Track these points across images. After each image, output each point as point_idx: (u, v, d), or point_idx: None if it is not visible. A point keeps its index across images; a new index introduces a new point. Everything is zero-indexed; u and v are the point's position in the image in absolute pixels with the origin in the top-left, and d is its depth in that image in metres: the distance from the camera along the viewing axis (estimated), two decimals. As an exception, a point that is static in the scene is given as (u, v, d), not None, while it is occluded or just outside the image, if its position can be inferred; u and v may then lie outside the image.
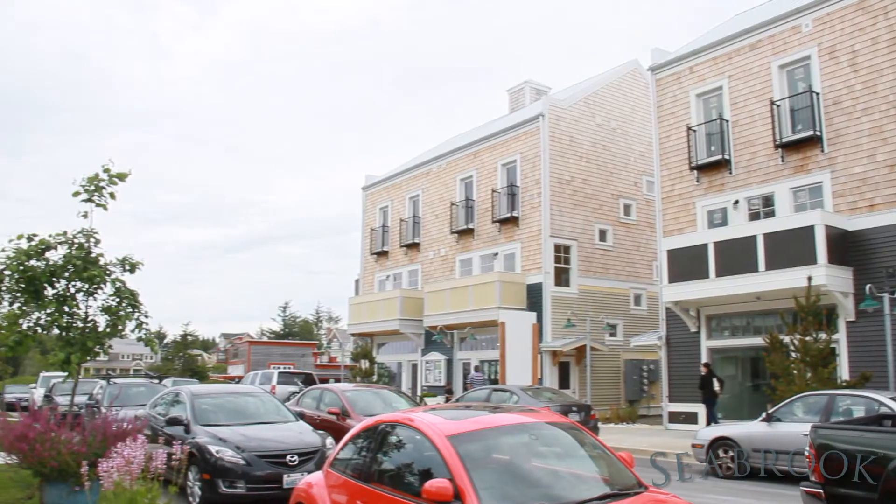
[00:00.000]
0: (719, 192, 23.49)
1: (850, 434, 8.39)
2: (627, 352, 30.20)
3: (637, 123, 33.40)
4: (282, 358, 50.55)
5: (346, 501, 6.61)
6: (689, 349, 23.50)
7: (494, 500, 5.14)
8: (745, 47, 23.32)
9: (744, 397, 22.45)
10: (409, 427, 6.37)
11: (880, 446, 7.89)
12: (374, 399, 16.25)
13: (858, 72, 20.48)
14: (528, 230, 30.26)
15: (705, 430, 15.69)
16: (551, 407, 16.85)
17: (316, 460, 10.73)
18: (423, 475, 5.71)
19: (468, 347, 31.19)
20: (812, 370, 16.79)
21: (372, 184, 41.17)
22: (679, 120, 24.93)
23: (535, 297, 29.24)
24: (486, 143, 33.17)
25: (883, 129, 19.77)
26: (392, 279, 38.40)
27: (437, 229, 35.32)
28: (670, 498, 5.70)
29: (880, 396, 13.17)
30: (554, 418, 6.86)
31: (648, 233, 31.93)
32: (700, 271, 21.59)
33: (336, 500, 6.81)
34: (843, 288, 19.45)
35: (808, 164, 21.34)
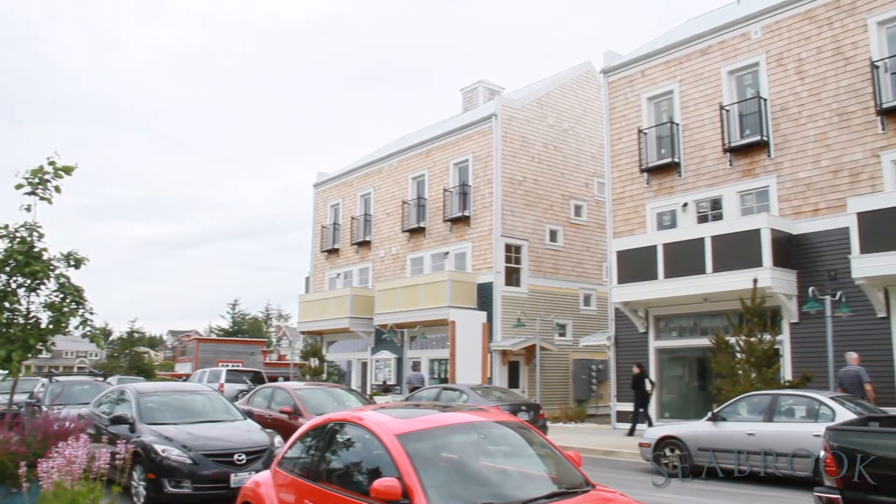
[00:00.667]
0: (669, 195, 23.78)
1: (877, 439, 7.88)
2: (577, 351, 30.43)
3: (589, 125, 33.66)
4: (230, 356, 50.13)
5: (293, 501, 6.55)
6: (637, 349, 23.75)
7: (443, 499, 5.13)
8: (696, 52, 23.65)
9: (690, 397, 22.77)
10: (357, 426, 6.33)
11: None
12: (327, 398, 16.13)
13: (804, 79, 20.89)
14: (479, 230, 30.32)
15: (652, 430, 15.87)
16: (500, 406, 16.91)
17: (264, 459, 10.63)
18: (372, 474, 5.69)
19: (418, 346, 31.17)
20: (757, 370, 17.09)
21: (324, 181, 40.92)
22: (630, 122, 25.19)
23: (485, 297, 29.32)
24: (439, 142, 33.17)
25: (827, 136, 20.19)
26: (343, 277, 38.20)
27: (388, 228, 35.22)
28: (617, 496, 5.75)
29: (821, 396, 13.48)
30: (503, 417, 6.88)
31: (599, 234, 32.20)
32: (649, 272, 21.83)
33: (284, 499, 6.75)
34: (787, 290, 19.82)
35: (755, 168, 21.70)
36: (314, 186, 41.56)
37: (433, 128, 38.85)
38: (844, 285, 18.11)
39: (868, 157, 19.35)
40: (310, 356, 32.26)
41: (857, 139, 19.61)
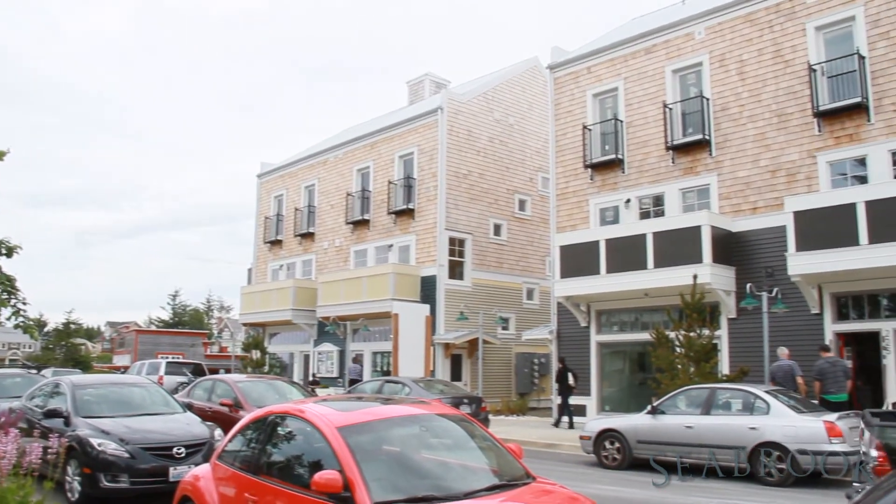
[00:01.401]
0: (612, 191, 24.03)
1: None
2: (519, 345, 30.62)
3: (534, 120, 33.84)
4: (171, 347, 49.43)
5: (233, 494, 6.48)
6: (579, 343, 23.98)
7: (384, 492, 5.13)
8: (641, 51, 23.91)
9: (631, 390, 23.07)
10: (299, 418, 6.29)
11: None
12: (268, 390, 15.99)
13: (745, 80, 21.27)
14: (423, 223, 30.30)
15: (593, 423, 16.04)
16: (443, 399, 16.93)
17: (204, 452, 10.45)
18: (313, 467, 5.66)
19: (361, 339, 31.06)
20: (695, 365, 17.39)
21: (267, 171, 40.47)
22: (575, 118, 25.38)
23: (428, 290, 29.33)
24: (385, 135, 33.04)
25: (766, 137, 20.59)
26: (286, 269, 37.86)
27: (332, 219, 35.00)
28: (557, 488, 5.81)
29: (756, 390, 13.76)
30: (445, 410, 6.88)
31: (542, 228, 32.40)
32: (591, 267, 22.03)
33: (223, 493, 6.66)
34: (725, 286, 20.19)
35: (696, 166, 22.04)
36: (258, 177, 41.09)
37: (379, 120, 38.69)
38: (780, 282, 18.53)
39: (805, 158, 19.80)
40: (252, 348, 31.97)
41: (794, 140, 20.04)
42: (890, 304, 18.16)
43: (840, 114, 19.27)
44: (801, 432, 12.48)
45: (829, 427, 12.33)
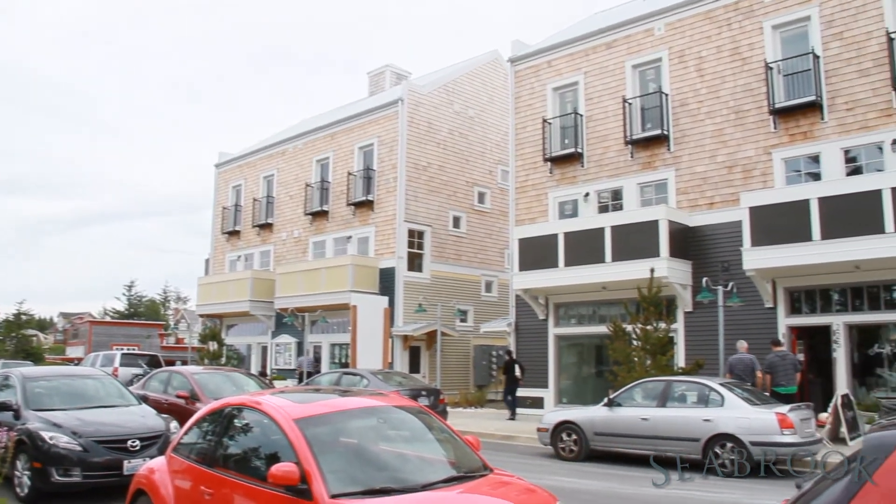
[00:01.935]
0: (571, 185, 24.15)
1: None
2: (477, 337, 30.70)
3: (495, 113, 33.89)
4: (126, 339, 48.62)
5: (189, 487, 6.40)
6: (537, 336, 24.11)
7: (341, 484, 5.11)
8: (602, 45, 24.04)
9: (588, 383, 23.26)
10: (255, 410, 6.23)
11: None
12: (225, 382, 15.78)
13: (704, 77, 21.50)
14: (382, 214, 30.22)
15: (550, 415, 16.12)
16: (401, 391, 16.88)
17: (159, 445, 10.28)
18: (270, 459, 5.61)
19: (319, 330, 30.93)
20: (652, 357, 17.58)
21: (226, 161, 40.05)
22: (535, 112, 25.46)
23: (387, 282, 29.27)
24: (345, 126, 32.87)
25: (723, 133, 20.84)
26: (244, 259, 37.54)
27: (291, 210, 34.75)
28: (514, 480, 5.84)
29: (711, 382, 13.93)
30: (403, 402, 6.86)
31: (501, 221, 32.48)
32: (550, 260, 22.15)
33: (179, 485, 6.58)
34: (682, 280, 20.43)
35: (655, 161, 22.24)
36: (216, 167, 40.65)
37: (339, 110, 38.49)
38: (736, 276, 18.77)
39: (761, 154, 20.08)
40: (209, 340, 31.64)
41: (751, 136, 20.31)
42: (841, 299, 18.52)
43: (795, 112, 19.58)
44: (754, 424, 12.66)
45: (781, 419, 12.53)
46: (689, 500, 10.70)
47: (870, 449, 2.94)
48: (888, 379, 17.86)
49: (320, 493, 4.98)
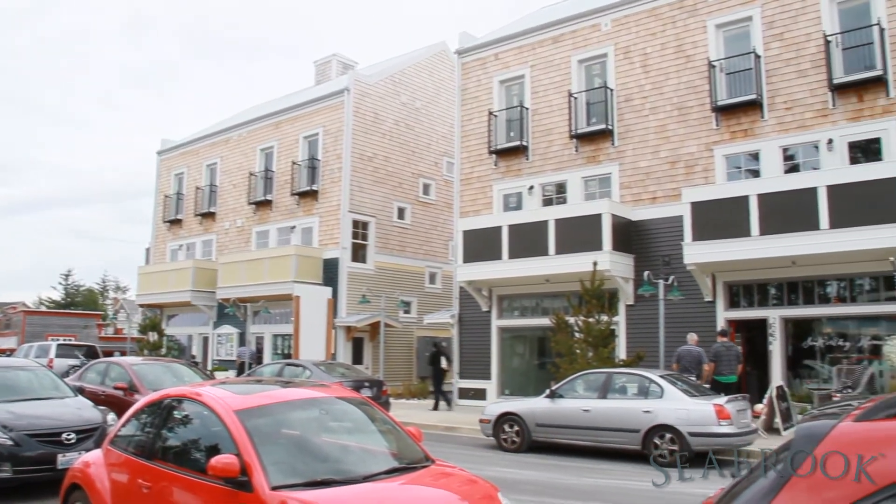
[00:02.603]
0: (516, 177, 24.26)
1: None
2: (421, 329, 30.71)
3: (441, 105, 33.88)
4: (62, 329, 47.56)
5: (126, 480, 6.28)
6: (480, 328, 24.19)
7: (282, 475, 5.07)
8: (549, 40, 24.16)
9: (531, 375, 23.42)
10: (195, 401, 6.15)
11: None
12: (165, 373, 15.53)
13: (648, 73, 21.75)
14: (327, 204, 30.02)
15: (493, 406, 16.21)
16: (344, 382, 16.82)
17: (96, 438, 10.04)
18: (210, 451, 5.54)
19: (262, 321, 30.62)
20: (594, 349, 17.78)
21: (168, 148, 39.35)
22: (482, 104, 25.50)
23: (331, 272, 29.12)
24: (290, 115, 32.56)
25: (666, 129, 21.12)
26: (185, 249, 36.97)
27: (234, 199, 34.33)
28: (456, 471, 5.87)
29: (651, 374, 14.15)
30: (345, 394, 6.85)
31: (446, 213, 32.51)
32: (494, 253, 22.22)
33: (116, 479, 6.45)
34: (624, 273, 20.67)
35: (599, 155, 22.45)
36: (158, 154, 39.93)
37: (284, 99, 38.12)
38: (677, 270, 19.06)
39: (702, 151, 20.40)
40: (148, 330, 31.15)
41: (693, 133, 20.62)
42: (777, 294, 18.93)
43: (736, 109, 19.92)
44: (692, 415, 12.90)
45: (719, 410, 12.79)
46: (629, 489, 10.86)
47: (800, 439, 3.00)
48: (820, 371, 18.33)
49: (261, 486, 4.94)
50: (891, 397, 2.95)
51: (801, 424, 3.13)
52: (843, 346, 18.00)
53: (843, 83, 18.32)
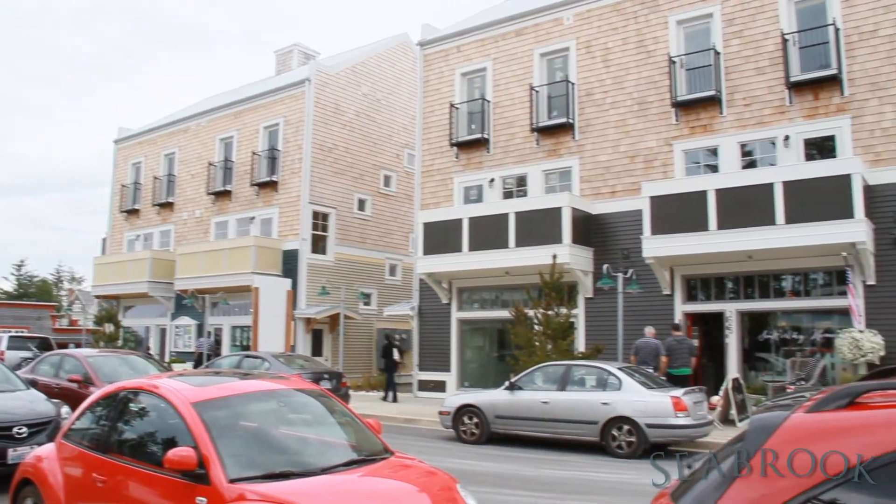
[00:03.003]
0: (477, 170, 24.28)
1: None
2: (381, 321, 30.66)
3: (402, 96, 33.78)
4: (14, 321, 46.68)
5: (80, 474, 6.16)
6: (440, 320, 24.21)
7: (240, 468, 5.01)
8: (511, 33, 24.19)
9: (490, 367, 23.49)
10: (152, 394, 6.04)
11: None
12: (121, 365, 15.29)
13: (609, 68, 21.88)
14: (287, 195, 29.81)
15: (452, 398, 16.23)
16: (303, 374, 16.76)
17: (49, 432, 9.81)
18: (167, 444, 5.46)
19: (220, 312, 30.33)
20: (553, 342, 17.88)
21: (125, 137, 38.74)
22: (443, 96, 25.47)
23: (290, 264, 28.93)
24: (250, 104, 32.24)
25: (626, 123, 21.28)
26: (143, 239, 36.45)
27: (192, 189, 33.93)
28: (415, 463, 5.87)
29: (610, 367, 14.25)
30: (304, 385, 6.80)
31: (407, 205, 32.47)
32: (454, 245, 22.24)
33: (69, 473, 6.32)
34: (583, 267, 20.80)
35: (560, 149, 22.55)
36: (115, 143, 39.30)
37: (244, 89, 37.72)
38: (635, 264, 19.24)
39: (662, 146, 20.58)
40: (105, 322, 30.71)
41: (653, 128, 20.80)
42: (734, 287, 19.18)
43: (696, 105, 20.12)
44: (650, 407, 13.03)
45: (676, 402, 12.93)
46: (587, 481, 10.93)
47: (754, 430, 3.06)
48: (775, 364, 18.63)
49: (218, 478, 4.88)
50: (841, 389, 3.01)
51: (755, 416, 3.19)
52: (797, 339, 18.32)
53: (800, 81, 18.59)
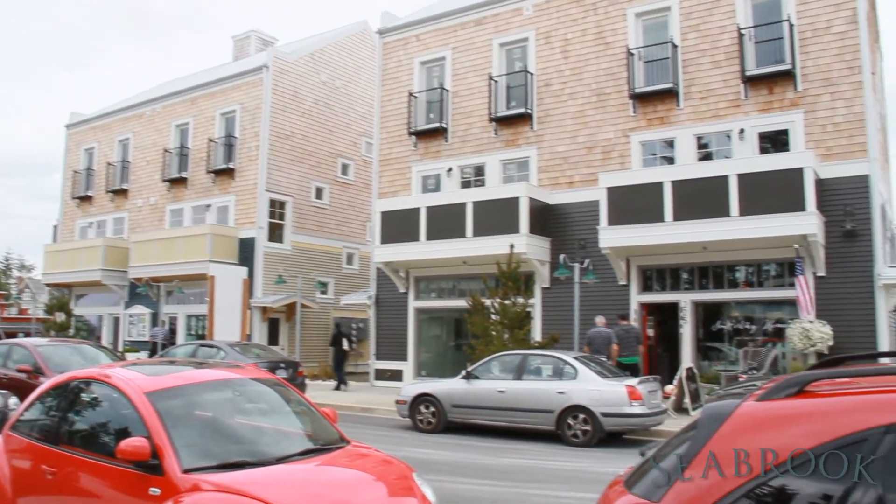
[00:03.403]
0: (435, 159, 24.26)
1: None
2: (338, 310, 30.52)
3: (361, 84, 33.58)
4: (-40, 311, 45.88)
5: (29, 467, 6.02)
6: (397, 309, 24.18)
7: (194, 458, 4.95)
8: (471, 22, 24.15)
9: (447, 356, 23.53)
10: (104, 384, 5.92)
11: None
12: (73, 355, 15.00)
13: (568, 59, 21.96)
14: (243, 183, 29.51)
15: (409, 387, 16.22)
16: (259, 363, 16.62)
17: (-5, 424, 9.70)
18: (120, 434, 5.34)
19: (175, 301, 29.98)
20: (509, 331, 17.95)
21: (78, 122, 38.00)
22: (402, 85, 25.37)
23: (247, 252, 28.68)
24: (207, 91, 31.83)
25: (585, 114, 21.38)
26: (96, 226, 35.84)
27: (147, 176, 33.43)
28: (371, 452, 5.87)
29: (565, 356, 14.34)
30: (259, 375, 6.74)
31: (364, 193, 32.34)
32: (411, 234, 22.21)
33: (17, 466, 6.18)
34: (540, 256, 20.90)
35: (518, 139, 22.60)
36: (67, 127, 38.54)
37: (201, 75, 37.22)
38: (592, 254, 19.35)
39: (619, 137, 20.73)
40: (56, 310, 30.20)
41: (610, 119, 20.93)
42: (689, 278, 19.41)
43: (653, 97, 20.29)
44: (605, 396, 13.15)
45: (631, 391, 13.06)
46: (542, 469, 11.01)
47: (706, 418, 3.11)
48: (728, 353, 18.91)
49: (172, 468, 4.82)
50: (790, 378, 3.08)
51: (707, 404, 3.23)
52: (750, 330, 18.62)
53: (755, 75, 18.84)
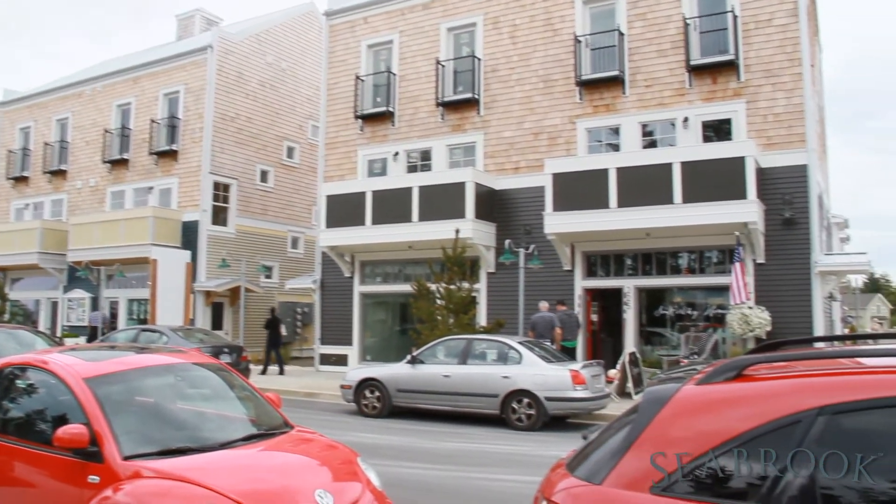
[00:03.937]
0: (382, 143, 24.15)
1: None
2: (283, 294, 30.29)
3: (307, 67, 33.25)
4: None
5: None
6: (342, 293, 24.07)
7: (135, 444, 4.87)
8: (419, 6, 24.03)
9: (392, 341, 23.53)
10: (41, 369, 5.77)
11: None
12: (7, 340, 14.59)
13: (516, 44, 22.00)
14: (187, 165, 29.06)
15: (354, 372, 16.17)
16: (202, 348, 16.45)
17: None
18: (57, 422, 5.22)
19: (117, 285, 29.45)
20: (455, 316, 18.01)
21: (12, 100, 36.95)
22: (349, 68, 25.18)
23: (190, 236, 28.26)
24: (149, 70, 31.18)
25: (532, 100, 21.46)
26: (33, 208, 34.97)
27: (87, 157, 32.69)
28: (316, 437, 5.84)
29: (510, 341, 14.44)
30: (202, 359, 6.65)
31: (310, 177, 32.06)
32: (357, 218, 22.10)
33: None
34: (486, 242, 20.98)
35: (465, 124, 22.60)
36: (0, 105, 37.51)
37: (144, 54, 36.45)
38: (537, 240, 19.48)
39: (566, 123, 20.86)
40: (-10, 295, 29.43)
41: (557, 105, 21.05)
42: (632, 264, 19.66)
43: (599, 85, 20.45)
44: (549, 380, 13.27)
45: (574, 375, 13.20)
46: (486, 453, 11.09)
47: (647, 402, 3.17)
48: (670, 338, 19.23)
49: (112, 455, 4.73)
50: (729, 362, 3.15)
51: (649, 388, 3.29)
52: (692, 315, 18.95)
53: (700, 65, 19.10)
